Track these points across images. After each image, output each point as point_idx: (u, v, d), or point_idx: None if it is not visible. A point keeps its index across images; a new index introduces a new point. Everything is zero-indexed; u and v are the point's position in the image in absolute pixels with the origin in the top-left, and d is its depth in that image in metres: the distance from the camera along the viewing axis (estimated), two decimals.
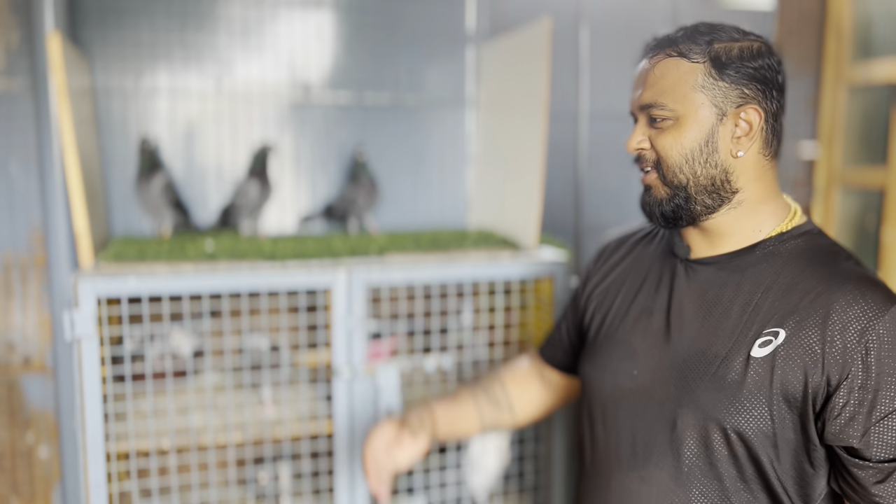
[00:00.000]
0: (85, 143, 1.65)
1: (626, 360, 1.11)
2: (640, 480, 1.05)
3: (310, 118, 2.07)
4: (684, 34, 1.05)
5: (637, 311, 1.13)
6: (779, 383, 0.95)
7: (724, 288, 1.03)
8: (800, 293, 0.97)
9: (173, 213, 1.85)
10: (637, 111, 1.07)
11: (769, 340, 0.96)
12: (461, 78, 2.19)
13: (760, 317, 0.98)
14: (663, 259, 1.15)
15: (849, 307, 0.92)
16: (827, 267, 0.98)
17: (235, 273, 1.51)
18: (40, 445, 1.92)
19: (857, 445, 0.91)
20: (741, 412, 0.96)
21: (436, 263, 1.65)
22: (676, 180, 1.03)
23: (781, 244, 1.03)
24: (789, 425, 0.95)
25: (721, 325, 1.01)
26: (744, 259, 1.04)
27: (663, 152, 1.03)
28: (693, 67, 1.01)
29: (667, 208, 1.05)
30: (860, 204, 2.47)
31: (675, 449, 1.02)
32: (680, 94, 1.01)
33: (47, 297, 1.89)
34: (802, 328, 0.94)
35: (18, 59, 1.82)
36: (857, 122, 2.47)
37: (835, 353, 0.92)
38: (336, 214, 2.01)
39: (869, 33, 2.42)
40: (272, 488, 1.80)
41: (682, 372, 1.03)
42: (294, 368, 1.82)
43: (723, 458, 0.99)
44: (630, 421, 1.08)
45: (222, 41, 1.98)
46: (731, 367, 0.98)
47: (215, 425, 1.61)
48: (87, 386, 1.43)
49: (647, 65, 1.06)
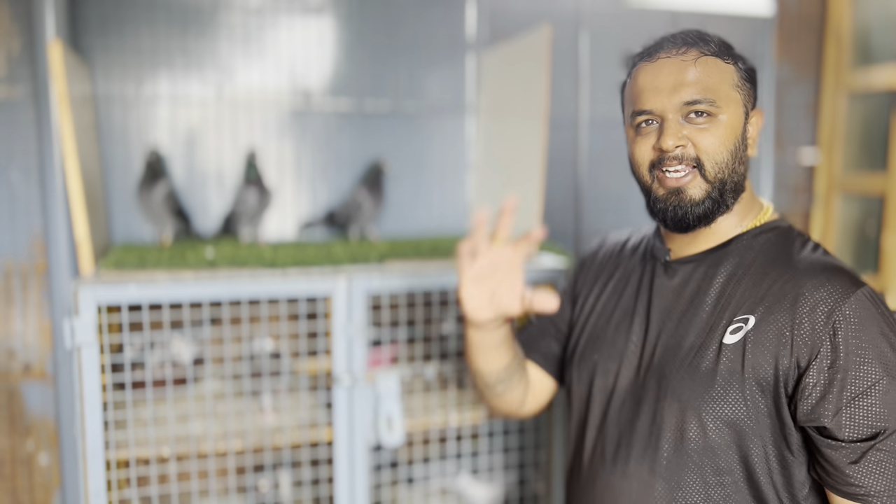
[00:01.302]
0: (86, 151, 1.65)
1: (610, 361, 1.14)
2: (622, 476, 1.07)
3: (310, 125, 2.08)
4: (699, 36, 1.07)
5: (620, 313, 1.17)
6: (750, 368, 0.97)
7: (700, 282, 1.07)
8: (769, 281, 1.01)
9: (174, 221, 1.85)
10: (671, 109, 1.03)
11: (739, 327, 0.99)
12: (461, 85, 2.19)
13: (732, 306, 1.02)
14: (644, 263, 1.19)
15: (815, 290, 0.96)
16: (795, 256, 1.03)
17: (236, 280, 1.51)
18: (40, 452, 1.92)
19: (829, 425, 0.93)
20: (715, 399, 0.98)
21: (436, 270, 1.65)
22: (719, 177, 1.04)
23: (754, 238, 1.08)
24: (764, 410, 0.97)
25: (696, 318, 1.05)
26: (718, 255, 1.08)
27: (711, 148, 1.03)
28: (728, 67, 1.05)
29: (700, 210, 1.05)
30: (860, 210, 2.47)
31: (654, 443, 1.04)
32: (723, 92, 1.04)
33: (48, 304, 1.89)
34: (771, 313, 0.98)
35: (20, 66, 1.83)
36: (857, 129, 2.48)
37: (803, 335, 0.94)
38: (339, 220, 2.01)
39: (869, 40, 2.43)
40: (272, 496, 1.80)
41: (659, 366, 1.06)
42: (294, 376, 1.81)
43: (700, 448, 1.00)
44: (615, 419, 1.11)
45: (223, 48, 1.99)
46: (705, 356, 1.01)
47: (215, 433, 1.60)
48: (87, 394, 1.43)
49: (679, 62, 1.04)
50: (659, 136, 1.04)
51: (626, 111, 1.12)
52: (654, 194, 1.08)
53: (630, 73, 1.12)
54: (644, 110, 1.06)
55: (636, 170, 1.10)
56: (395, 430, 1.61)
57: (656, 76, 1.05)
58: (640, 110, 1.06)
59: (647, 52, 1.10)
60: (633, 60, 1.13)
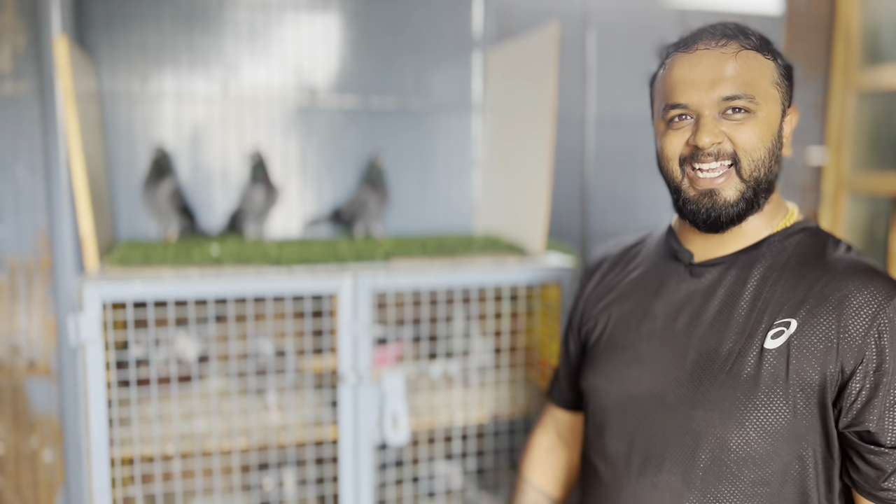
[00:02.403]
0: (91, 147, 1.65)
1: (632, 366, 1.09)
2: (652, 487, 1.02)
3: (316, 122, 2.07)
4: (739, 29, 1.03)
5: (639, 317, 1.11)
6: (795, 373, 0.94)
7: (731, 286, 1.03)
8: (808, 283, 0.97)
9: (180, 218, 1.85)
10: (708, 104, 0.99)
11: (781, 331, 0.96)
12: (468, 82, 2.18)
13: (770, 309, 0.98)
14: (663, 265, 1.13)
15: (858, 293, 0.93)
16: (831, 257, 0.99)
17: (241, 278, 1.51)
18: (44, 449, 1.91)
19: (874, 429, 0.91)
20: (759, 408, 0.94)
21: (442, 269, 1.64)
22: (756, 175, 1.00)
23: (785, 240, 1.04)
24: (809, 416, 0.94)
25: (731, 323, 1.00)
26: (750, 256, 1.04)
27: (748, 144, 0.99)
28: (768, 63, 1.01)
29: (734, 211, 1.01)
30: (868, 210, 2.46)
31: (690, 453, 0.99)
32: (763, 88, 1.00)
33: (52, 300, 1.89)
34: (814, 316, 0.94)
35: (25, 62, 1.82)
36: (866, 128, 2.46)
37: (849, 339, 0.92)
38: (344, 218, 2.00)
39: (878, 39, 2.41)
40: (277, 494, 1.79)
41: (695, 373, 1.01)
42: (299, 374, 1.81)
43: (740, 459, 0.96)
44: (640, 427, 1.05)
45: (229, 45, 1.98)
46: (745, 362, 0.97)
47: (220, 431, 1.60)
48: (92, 391, 1.43)
49: (719, 55, 1.00)
50: (694, 132, 1.00)
51: (658, 104, 1.07)
52: (684, 194, 1.03)
53: (664, 63, 1.07)
54: (679, 104, 1.01)
55: (665, 164, 1.05)
56: (401, 429, 1.61)
57: (694, 68, 1.00)
58: (674, 104, 1.02)
59: (683, 42, 1.05)
60: (667, 51, 1.07)
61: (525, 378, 1.79)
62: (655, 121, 1.08)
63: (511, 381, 1.77)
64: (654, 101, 1.09)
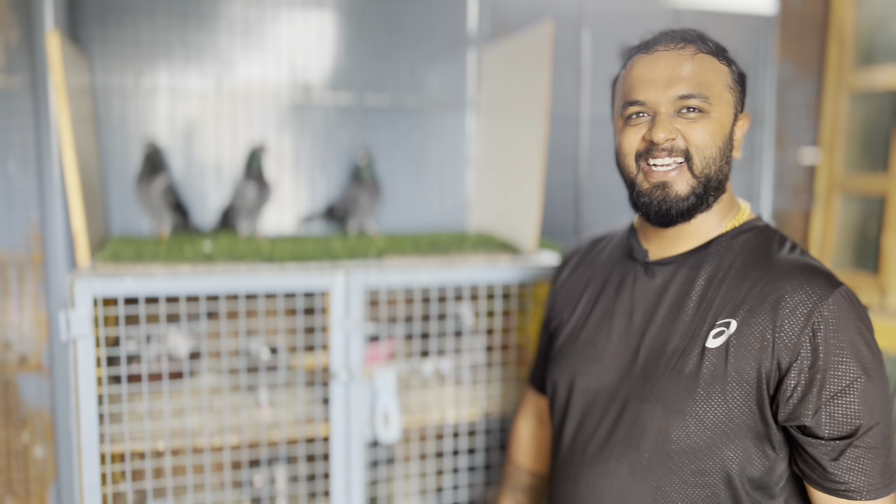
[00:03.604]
0: (84, 142, 1.65)
1: (591, 362, 1.14)
2: (603, 475, 1.08)
3: (310, 119, 2.07)
4: (698, 35, 1.08)
5: (599, 314, 1.17)
6: (733, 371, 0.98)
7: (681, 285, 1.08)
8: (749, 284, 1.02)
9: (173, 214, 1.85)
10: (664, 102, 1.04)
11: (722, 331, 1.01)
12: (462, 80, 2.18)
13: (714, 309, 1.03)
14: (622, 263, 1.19)
15: (795, 293, 0.97)
16: (774, 257, 1.03)
17: (233, 274, 1.51)
18: (35, 445, 1.91)
19: (810, 424, 0.95)
20: (699, 403, 1.00)
21: (435, 266, 1.64)
22: (706, 172, 1.05)
23: (734, 239, 1.08)
24: (746, 412, 0.99)
25: (679, 321, 1.06)
26: (699, 256, 1.09)
27: (701, 142, 1.04)
28: (723, 68, 1.06)
29: (684, 205, 1.05)
30: (861, 211, 2.47)
31: (636, 443, 1.05)
32: (717, 90, 1.05)
33: (44, 295, 1.88)
34: (753, 316, 0.99)
35: (17, 57, 1.81)
36: (859, 129, 2.47)
37: (784, 338, 0.96)
38: (337, 215, 2.00)
39: (871, 40, 2.42)
40: (268, 491, 1.79)
41: (644, 369, 1.07)
42: (291, 371, 1.81)
43: (682, 450, 1.01)
44: (596, 419, 1.11)
45: (223, 41, 1.98)
46: (688, 359, 1.02)
47: (211, 427, 1.60)
48: (83, 387, 1.43)
49: (677, 56, 1.05)
50: (651, 128, 1.04)
51: (618, 102, 1.12)
52: (638, 187, 1.08)
53: (625, 64, 1.12)
54: (637, 101, 1.06)
55: (622, 160, 1.10)
56: (392, 427, 1.61)
57: (652, 68, 1.05)
58: (633, 100, 1.06)
59: (644, 44, 1.10)
60: (629, 52, 1.12)
61: (517, 376, 1.79)
62: (615, 119, 1.14)
63: (503, 379, 1.78)
64: (614, 100, 1.15)
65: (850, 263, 2.48)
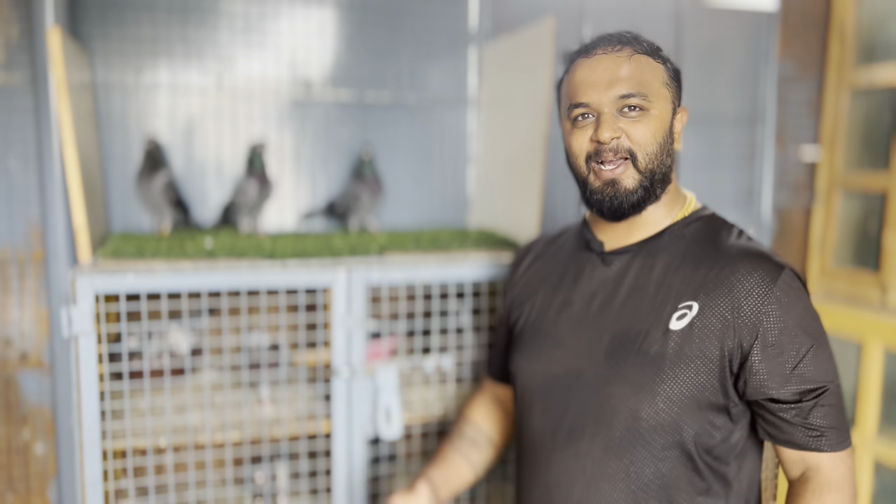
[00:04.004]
0: (84, 139, 1.64)
1: (554, 349, 1.19)
2: (576, 457, 1.13)
3: (311, 116, 2.06)
4: (633, 37, 1.15)
5: (559, 303, 1.22)
6: (697, 350, 1.06)
7: (639, 272, 1.15)
8: (705, 268, 1.10)
9: (174, 211, 1.84)
10: (606, 103, 1.10)
11: (685, 314, 1.08)
12: (463, 77, 2.18)
13: (674, 293, 1.10)
14: (577, 255, 1.25)
15: (749, 276, 1.06)
16: (725, 243, 1.12)
17: (235, 271, 1.51)
18: (36, 442, 1.91)
19: (778, 395, 1.04)
20: (666, 381, 1.06)
21: (436, 263, 1.64)
22: (650, 167, 1.11)
23: (685, 227, 1.16)
24: (709, 388, 1.06)
25: (640, 306, 1.12)
26: (654, 244, 1.16)
27: (643, 140, 1.10)
28: (658, 66, 1.13)
29: (634, 199, 1.12)
30: (862, 208, 2.47)
31: (608, 423, 1.10)
32: (654, 88, 1.12)
33: (45, 292, 1.88)
34: (712, 299, 1.07)
35: (18, 53, 1.81)
36: (860, 126, 2.47)
37: (743, 318, 1.04)
38: (338, 211, 2.00)
39: (872, 37, 2.42)
40: (269, 487, 1.79)
41: (609, 352, 1.12)
42: (293, 367, 1.81)
43: (651, 427, 1.08)
44: (564, 404, 1.16)
45: (223, 37, 1.97)
46: (653, 341, 1.09)
47: (213, 424, 1.60)
48: (85, 383, 1.43)
49: (615, 59, 1.11)
50: (596, 129, 1.10)
51: (563, 105, 1.18)
52: (590, 186, 1.14)
53: (567, 69, 1.18)
54: (581, 103, 1.12)
55: (573, 161, 1.16)
56: (394, 423, 1.61)
57: (593, 71, 1.12)
58: (577, 103, 1.12)
59: (584, 49, 1.15)
60: (570, 57, 1.18)
61: None
62: (562, 121, 1.19)
63: None
64: (560, 103, 1.20)
65: (851, 261, 2.48)
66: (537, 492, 1.19)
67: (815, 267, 2.56)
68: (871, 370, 2.22)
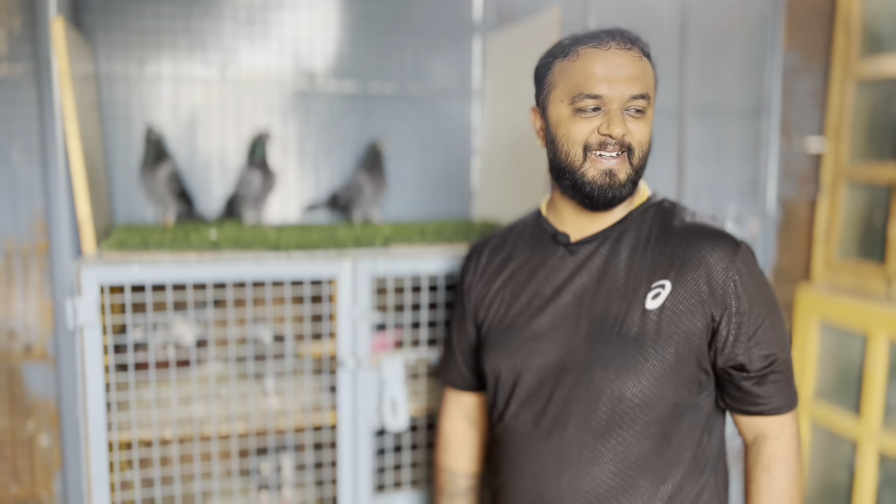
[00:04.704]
0: (88, 130, 1.64)
1: (532, 342, 1.20)
2: (562, 443, 1.16)
3: (314, 107, 2.06)
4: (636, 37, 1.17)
5: (528, 296, 1.23)
6: (675, 326, 1.11)
7: (607, 258, 1.18)
8: (672, 247, 1.15)
9: (177, 202, 1.84)
10: (618, 99, 1.11)
11: (658, 292, 1.13)
12: (467, 68, 2.17)
13: (645, 274, 1.14)
14: (540, 248, 1.26)
15: (713, 251, 1.11)
16: (683, 223, 1.17)
17: (240, 262, 1.50)
18: (41, 434, 1.91)
19: (743, 361, 1.11)
20: (649, 360, 1.11)
21: (441, 254, 1.64)
22: (640, 164, 1.16)
23: (644, 213, 1.21)
24: (689, 361, 1.12)
25: (613, 290, 1.16)
26: (618, 230, 1.19)
27: (642, 138, 1.14)
28: (652, 70, 1.17)
29: (624, 191, 1.15)
30: (867, 199, 2.46)
31: (592, 407, 1.13)
32: (653, 92, 1.16)
33: (49, 284, 1.88)
34: (683, 275, 1.12)
35: (21, 44, 1.80)
36: (865, 117, 2.46)
37: (713, 291, 1.10)
38: (342, 203, 1.99)
39: (878, 28, 2.40)
40: (275, 479, 1.79)
41: (589, 339, 1.15)
42: (298, 359, 1.80)
43: (635, 406, 1.12)
44: (547, 394, 1.18)
45: (227, 28, 1.96)
46: (632, 322, 1.13)
47: (218, 415, 1.60)
48: (90, 374, 1.42)
49: (629, 57, 1.13)
50: (608, 124, 1.11)
51: (562, 89, 1.15)
52: (583, 174, 1.14)
53: (570, 51, 1.15)
54: (595, 95, 1.11)
55: (568, 148, 1.15)
56: (400, 415, 1.61)
57: (607, 64, 1.12)
58: (590, 94, 1.12)
59: (597, 38, 1.14)
60: (577, 40, 1.16)
61: None
62: (552, 105, 1.17)
63: None
64: (552, 87, 1.18)
65: (856, 252, 2.47)
66: (522, 483, 1.20)
67: (820, 259, 2.55)
68: (875, 362, 2.22)
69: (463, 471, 1.42)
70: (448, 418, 1.44)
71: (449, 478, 1.42)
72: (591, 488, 1.14)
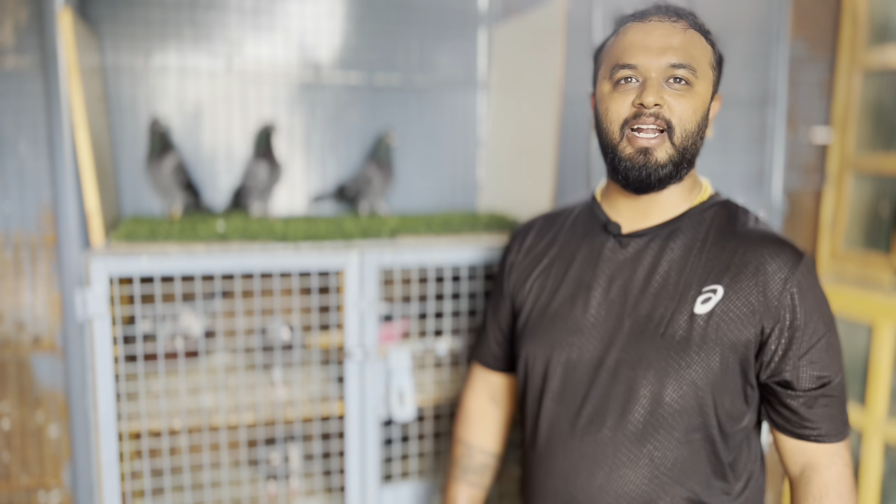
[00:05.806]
0: (95, 122, 1.64)
1: (570, 334, 1.16)
2: (595, 444, 1.12)
3: (320, 99, 2.06)
4: (689, 12, 1.13)
5: (571, 286, 1.19)
6: (722, 334, 1.06)
7: (658, 255, 1.13)
8: (729, 252, 1.09)
9: (184, 194, 1.84)
10: (655, 68, 1.07)
11: (709, 297, 1.07)
12: (473, 59, 2.16)
13: (697, 277, 1.09)
14: (590, 237, 1.21)
15: (773, 260, 1.06)
16: (744, 228, 1.12)
17: (248, 254, 1.51)
18: (50, 424, 1.92)
19: (790, 378, 1.05)
20: (692, 365, 1.06)
21: (447, 246, 1.64)
22: (684, 144, 1.09)
23: (704, 212, 1.15)
24: (731, 372, 1.07)
25: (662, 290, 1.10)
26: (672, 227, 1.14)
27: (684, 114, 1.08)
28: (708, 47, 1.12)
29: (662, 172, 1.09)
30: (873, 190, 2.45)
31: (629, 409, 1.09)
32: (703, 66, 1.10)
33: (57, 276, 1.88)
34: (737, 283, 1.06)
35: (28, 36, 1.80)
36: (872, 108, 2.45)
37: (767, 302, 1.05)
38: (348, 195, 2.00)
39: (885, 18, 2.39)
40: (283, 469, 1.80)
41: (631, 337, 1.10)
42: (306, 350, 1.81)
43: (674, 411, 1.07)
44: (583, 391, 1.14)
45: (233, 20, 1.96)
46: (678, 325, 1.07)
47: (227, 406, 1.61)
48: (100, 365, 1.43)
49: (671, 27, 1.09)
50: (640, 94, 1.07)
51: (605, 66, 1.13)
52: (620, 153, 1.10)
53: (616, 31, 1.15)
54: (629, 64, 1.08)
55: (607, 126, 1.12)
56: (407, 405, 1.62)
57: (647, 35, 1.09)
58: (625, 64, 1.08)
59: (639, 14, 1.13)
60: (622, 20, 1.15)
61: None
62: (599, 84, 1.15)
63: None
64: (600, 67, 1.17)
65: (862, 243, 2.47)
66: (553, 480, 1.17)
67: (826, 249, 2.55)
68: (881, 352, 2.22)
69: (479, 445, 1.39)
70: (472, 392, 1.42)
71: (465, 450, 1.40)
72: (624, 492, 1.10)
